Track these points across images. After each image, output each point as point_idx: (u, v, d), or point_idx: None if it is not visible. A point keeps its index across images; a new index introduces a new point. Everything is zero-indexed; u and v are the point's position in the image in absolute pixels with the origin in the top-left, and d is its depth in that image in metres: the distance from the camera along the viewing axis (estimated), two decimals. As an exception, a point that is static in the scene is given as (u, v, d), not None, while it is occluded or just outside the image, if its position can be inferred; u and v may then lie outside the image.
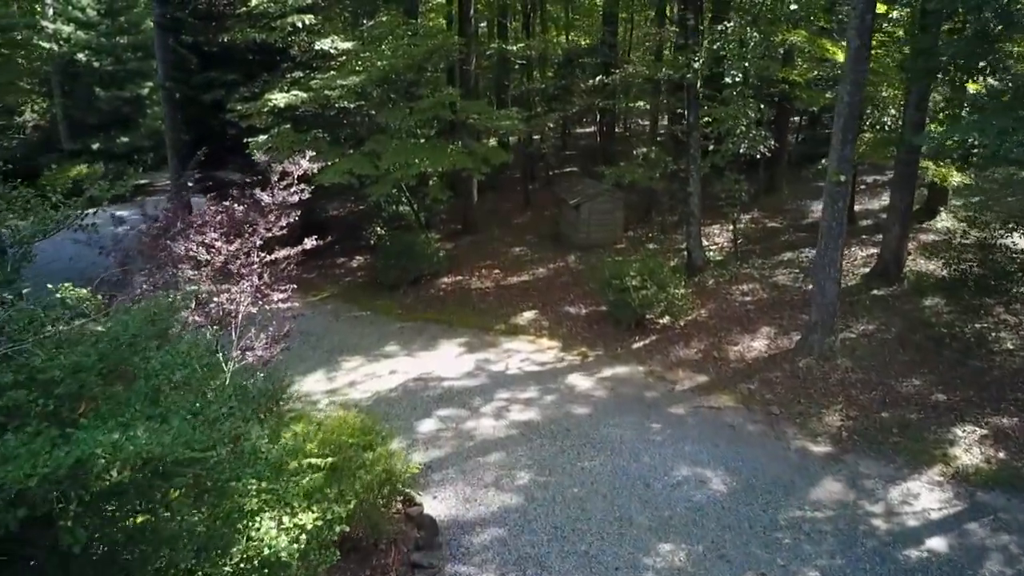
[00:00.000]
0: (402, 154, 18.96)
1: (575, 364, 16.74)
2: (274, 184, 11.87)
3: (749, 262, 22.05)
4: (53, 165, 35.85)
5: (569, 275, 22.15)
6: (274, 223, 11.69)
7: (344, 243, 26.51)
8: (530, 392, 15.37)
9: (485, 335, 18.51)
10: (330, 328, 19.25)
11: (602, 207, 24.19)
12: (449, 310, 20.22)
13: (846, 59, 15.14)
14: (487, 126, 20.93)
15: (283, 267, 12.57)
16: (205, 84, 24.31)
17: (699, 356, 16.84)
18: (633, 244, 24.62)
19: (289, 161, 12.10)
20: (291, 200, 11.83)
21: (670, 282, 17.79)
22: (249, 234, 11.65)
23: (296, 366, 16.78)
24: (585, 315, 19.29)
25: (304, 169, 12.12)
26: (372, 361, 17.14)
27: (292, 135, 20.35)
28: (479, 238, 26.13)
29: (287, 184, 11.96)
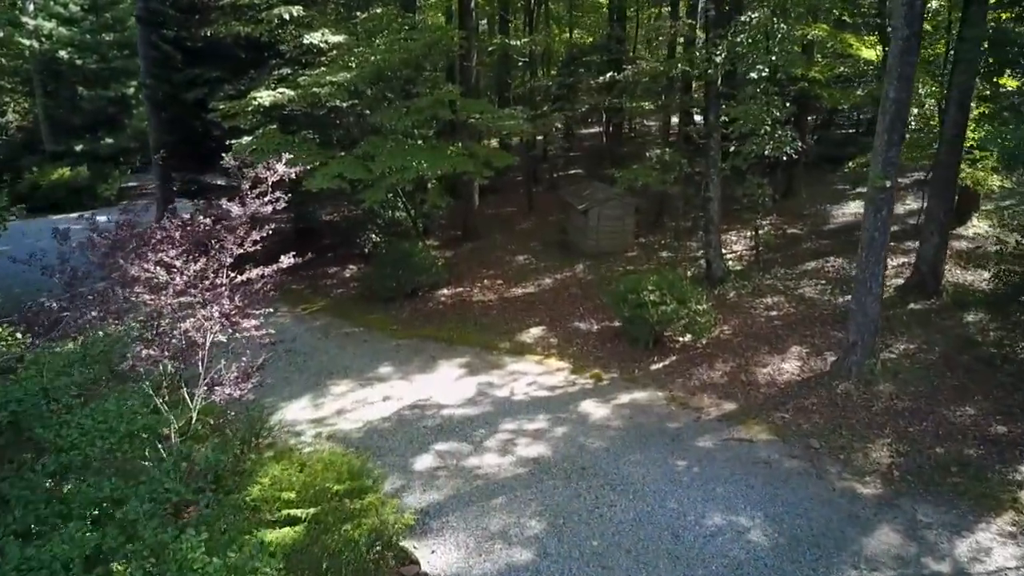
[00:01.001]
0: (398, 157, 17.38)
1: (588, 388, 15.16)
2: (245, 192, 10.31)
3: (772, 272, 20.48)
4: (35, 168, 34.37)
5: (578, 286, 20.58)
6: (244, 237, 10.12)
7: (337, 251, 24.96)
8: (539, 422, 13.78)
9: (488, 354, 16.93)
10: (319, 346, 17.67)
11: (612, 212, 22.63)
12: (449, 326, 18.64)
13: (891, 51, 13.57)
14: (489, 126, 19.39)
15: (258, 287, 10.98)
16: (187, 82, 22.83)
17: (725, 379, 15.26)
18: (645, 252, 23.06)
19: (263, 165, 10.52)
20: (264, 211, 10.26)
21: (691, 296, 16.23)
22: (216, 251, 10.07)
23: (280, 390, 15.28)
24: (597, 332, 17.71)
25: (280, 174, 10.56)
26: (364, 385, 15.56)
27: (278, 136, 18.79)
28: (480, 245, 24.56)
29: (260, 192, 10.39)
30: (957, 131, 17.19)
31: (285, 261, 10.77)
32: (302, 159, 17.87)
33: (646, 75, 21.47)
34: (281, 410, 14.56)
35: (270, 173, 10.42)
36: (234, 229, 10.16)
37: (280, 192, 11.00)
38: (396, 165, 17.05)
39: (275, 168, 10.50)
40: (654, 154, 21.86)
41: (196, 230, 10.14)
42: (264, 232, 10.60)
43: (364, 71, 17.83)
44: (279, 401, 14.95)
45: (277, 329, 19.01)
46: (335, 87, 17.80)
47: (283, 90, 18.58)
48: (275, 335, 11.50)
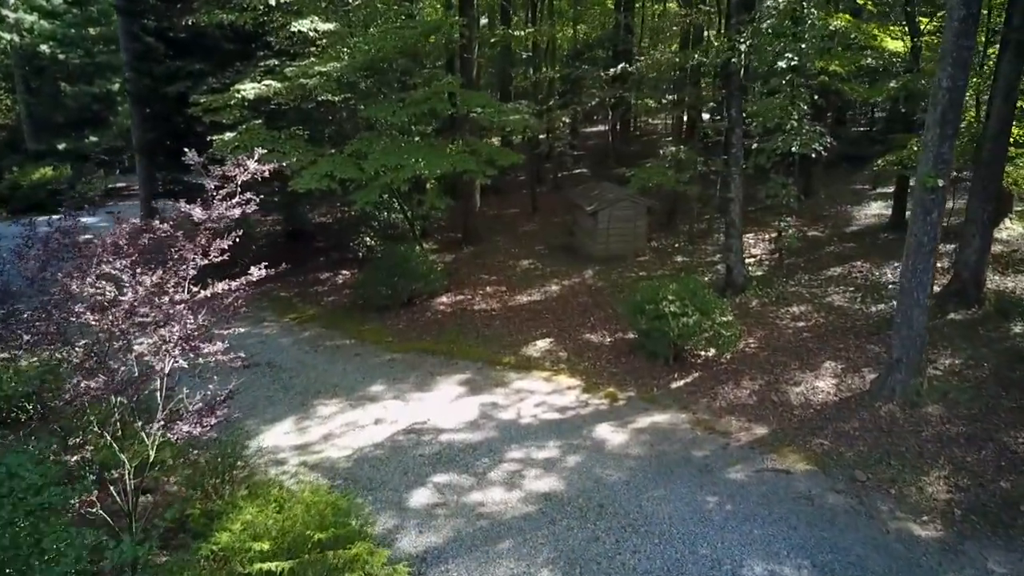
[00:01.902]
0: (392, 155, 15.94)
1: (602, 410, 13.69)
2: (211, 193, 8.86)
3: (795, 279, 19.03)
4: (15, 167, 32.90)
5: (587, 293, 19.11)
6: (207, 246, 8.66)
7: (330, 255, 23.50)
8: (549, 450, 12.31)
9: (491, 370, 15.46)
10: (306, 361, 16.20)
11: (623, 214, 21.18)
12: (448, 337, 17.17)
13: (945, 34, 12.10)
14: (492, 122, 17.91)
15: (228, 302, 9.52)
16: (169, 75, 21.42)
17: (754, 400, 13.79)
18: (658, 256, 21.61)
19: (233, 162, 9.07)
20: (232, 214, 8.81)
21: (714, 307, 14.78)
22: (175, 262, 8.62)
23: (262, 411, 13.85)
24: (610, 345, 16.25)
25: (253, 171, 9.09)
26: (354, 406, 14.09)
27: (263, 132, 17.32)
28: (482, 249, 23.10)
29: (228, 192, 8.94)
30: (1002, 126, 15.74)
31: (256, 273, 9.31)
32: (288, 157, 16.50)
33: (660, 67, 20.03)
34: (262, 434, 13.12)
35: (240, 171, 8.97)
36: (195, 237, 8.69)
37: (254, 193, 9.55)
38: (391, 164, 15.61)
39: (246, 165, 9.04)
40: (669, 152, 20.41)
41: (152, 237, 8.66)
42: (231, 239, 9.10)
43: (356, 61, 16.38)
44: (260, 424, 13.51)
45: (262, 340, 17.66)
46: (325, 78, 16.35)
47: (268, 82, 17.14)
48: (248, 357, 9.98)
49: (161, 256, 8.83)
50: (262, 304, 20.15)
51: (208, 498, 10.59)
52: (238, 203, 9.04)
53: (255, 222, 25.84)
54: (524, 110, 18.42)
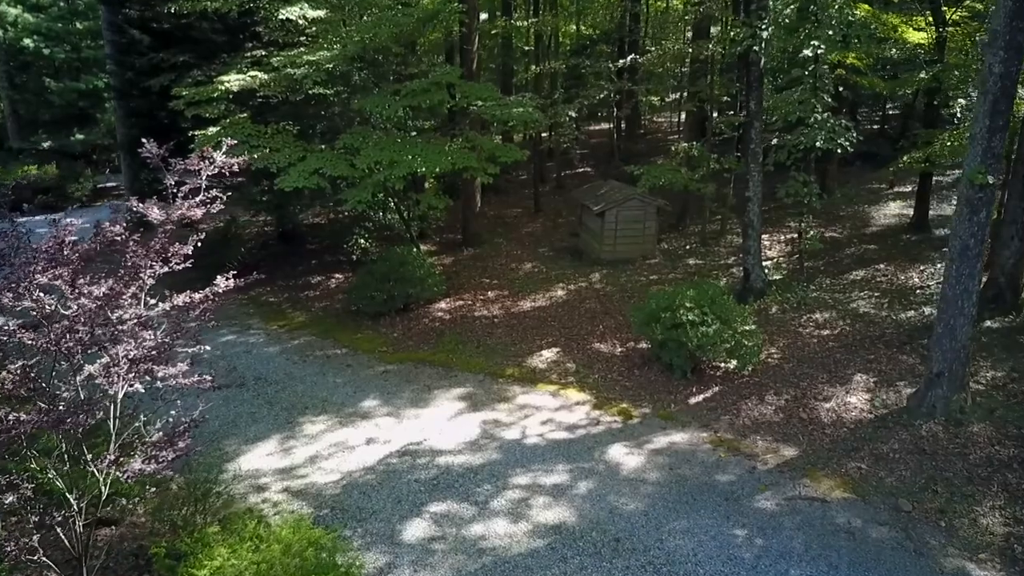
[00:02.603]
0: (386, 150, 14.78)
1: (615, 428, 12.52)
2: (170, 190, 7.71)
3: (816, 282, 17.87)
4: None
5: (595, 299, 17.95)
6: (164, 251, 7.51)
7: (322, 257, 22.32)
8: (558, 474, 11.15)
9: (493, 383, 14.29)
10: (294, 373, 15.03)
11: (631, 215, 20.01)
12: (447, 347, 16.00)
13: (995, 14, 10.94)
14: (494, 116, 16.74)
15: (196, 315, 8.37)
16: (151, 67, 20.23)
17: (780, 417, 12.63)
18: (669, 259, 20.45)
19: (197, 154, 7.91)
20: (194, 214, 7.64)
21: (735, 315, 13.63)
22: (127, 271, 7.46)
23: (244, 430, 12.69)
24: (622, 356, 15.08)
25: (220, 165, 7.93)
26: (344, 423, 12.91)
27: (248, 126, 16.15)
28: (483, 252, 21.94)
29: (191, 190, 7.78)
30: (1044, 119, 14.60)
31: (222, 284, 8.17)
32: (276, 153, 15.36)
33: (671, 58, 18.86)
34: (243, 456, 11.97)
35: (205, 164, 7.80)
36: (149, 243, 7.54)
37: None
38: (384, 160, 14.45)
39: (212, 157, 7.88)
40: (680, 148, 19.24)
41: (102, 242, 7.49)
42: (192, 244, 7.94)
43: (348, 50, 15.21)
44: (241, 444, 12.35)
45: (247, 350, 16.49)
46: (314, 68, 15.21)
47: (255, 73, 15.99)
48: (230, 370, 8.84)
49: (116, 264, 7.67)
50: (249, 310, 18.99)
51: (177, 533, 9.44)
52: (203, 201, 7.87)
53: (243, 223, 24.71)
54: (528, 103, 17.23)
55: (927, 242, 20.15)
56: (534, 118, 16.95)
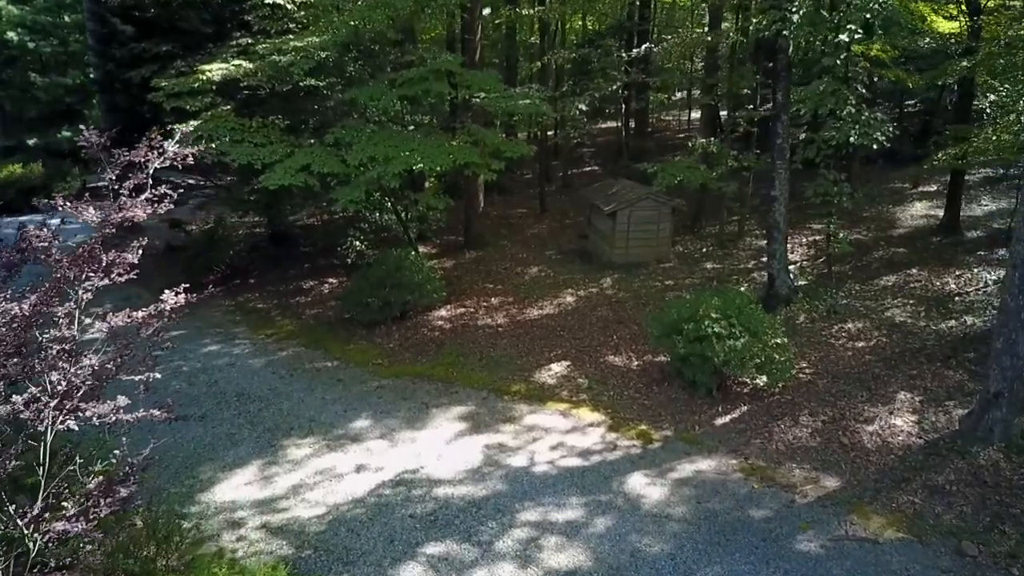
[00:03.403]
0: (380, 144, 13.51)
1: (634, 454, 11.22)
2: (112, 186, 6.44)
3: (844, 288, 16.57)
4: (-18, 165, 30.57)
5: (607, 306, 16.65)
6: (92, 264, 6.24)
7: (316, 261, 21.04)
8: (571, 509, 9.86)
9: (498, 401, 13.00)
10: (280, 389, 13.75)
11: (645, 215, 18.73)
12: (446, 359, 14.71)
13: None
14: (499, 108, 15.43)
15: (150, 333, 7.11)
16: (132, 58, 18.95)
17: (817, 441, 11.32)
18: (685, 263, 19.16)
19: (147, 144, 6.64)
20: (135, 214, 6.37)
21: (765, 327, 12.34)
22: (54, 286, 6.19)
23: (222, 454, 11.43)
24: (638, 370, 13.78)
25: (172, 156, 6.66)
26: (332, 447, 11.63)
27: (231, 120, 14.89)
28: (486, 254, 20.66)
29: (137, 186, 6.51)
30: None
31: (170, 299, 6.86)
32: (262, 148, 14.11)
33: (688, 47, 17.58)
34: (218, 485, 10.70)
35: (153, 155, 6.54)
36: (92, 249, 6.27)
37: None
38: (379, 155, 13.18)
39: (162, 147, 6.61)
40: (698, 145, 17.93)
41: (25, 248, 6.22)
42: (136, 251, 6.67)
43: (340, 35, 13.94)
44: (217, 471, 11.08)
45: (231, 362, 15.19)
46: (301, 56, 13.94)
47: (239, 62, 14.74)
48: (174, 407, 7.56)
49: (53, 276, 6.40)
50: (235, 317, 17.73)
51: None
52: (150, 199, 6.60)
53: (234, 224, 23.47)
54: (535, 95, 15.93)
55: (960, 245, 18.84)
56: (541, 110, 15.65)
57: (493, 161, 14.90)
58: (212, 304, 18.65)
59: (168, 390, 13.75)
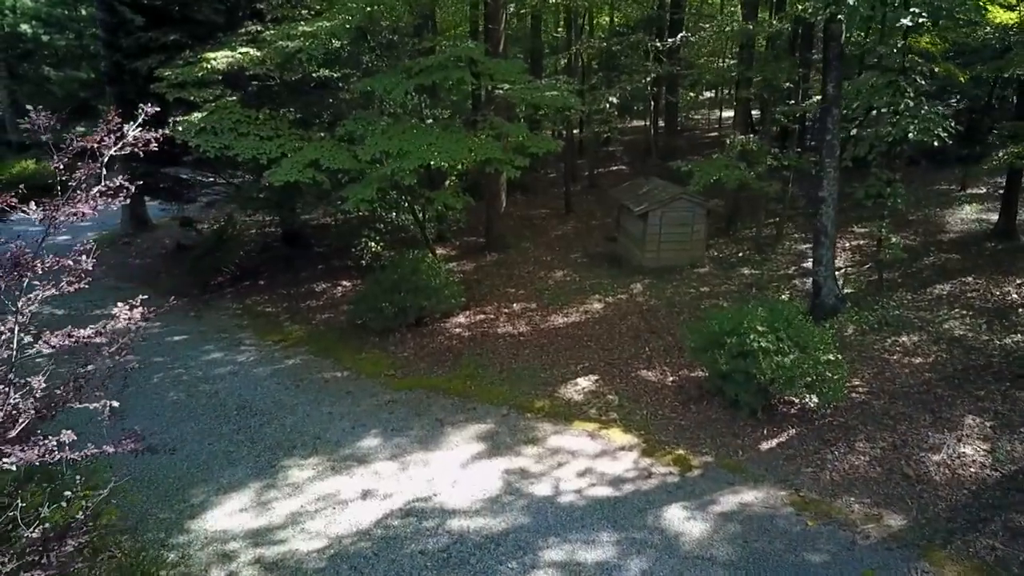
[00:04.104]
0: (395, 139, 12.45)
1: (671, 483, 10.06)
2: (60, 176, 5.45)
3: (895, 297, 15.29)
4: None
5: (638, 314, 15.48)
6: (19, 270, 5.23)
7: (330, 262, 20.05)
8: (602, 547, 8.72)
9: (519, 419, 11.88)
10: (283, 401, 12.73)
11: (678, 217, 17.54)
12: (464, 371, 13.63)
13: None
14: (524, 100, 14.29)
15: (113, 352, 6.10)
16: (139, 49, 18.06)
17: (877, 471, 10.10)
18: (720, 268, 17.94)
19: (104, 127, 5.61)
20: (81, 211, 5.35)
21: (817, 341, 11.13)
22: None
23: (217, 474, 10.44)
24: (673, 386, 12.61)
25: (132, 141, 5.64)
26: (337, 469, 10.58)
27: (237, 111, 13.91)
28: (508, 257, 19.56)
29: (89, 178, 5.48)
30: None
31: (123, 314, 5.85)
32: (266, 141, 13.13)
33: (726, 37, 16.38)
34: (211, 511, 9.69)
35: (109, 140, 5.51)
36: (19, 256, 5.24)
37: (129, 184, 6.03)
38: (392, 150, 12.12)
39: (119, 131, 5.59)
40: (737, 142, 16.72)
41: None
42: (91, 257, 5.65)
43: (354, 19, 12.89)
44: (211, 494, 10.08)
45: (233, 371, 14.13)
46: (310, 42, 12.91)
47: (245, 50, 13.76)
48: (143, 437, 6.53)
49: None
50: (242, 322, 16.77)
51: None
52: (102, 192, 5.56)
53: (248, 223, 22.59)
54: (563, 86, 14.79)
55: (1019, 251, 17.45)
56: (570, 103, 14.49)
57: (517, 157, 13.79)
58: (219, 307, 17.75)
59: (165, 401, 12.84)
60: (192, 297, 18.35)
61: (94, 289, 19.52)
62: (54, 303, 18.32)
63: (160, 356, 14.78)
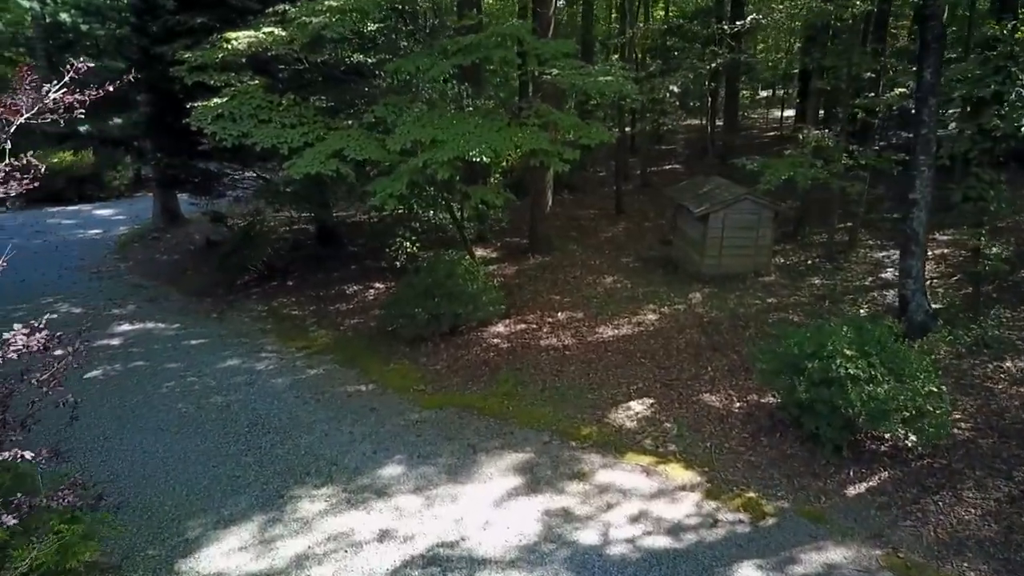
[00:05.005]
0: (428, 126, 11.08)
1: (741, 534, 8.48)
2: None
3: (992, 315, 13.43)
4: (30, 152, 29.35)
5: (697, 327, 13.87)
6: None
7: (363, 262, 18.80)
8: (660, 617, 7.23)
9: (563, 448, 10.39)
10: (300, 417, 11.45)
11: (742, 219, 15.88)
12: (502, 387, 12.19)
13: None
14: (574, 86, 12.74)
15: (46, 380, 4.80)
16: (167, 33, 17.03)
17: (992, 528, 8.39)
18: (788, 277, 16.23)
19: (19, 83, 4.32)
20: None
21: (915, 369, 9.45)
22: None
23: (218, 504, 9.19)
24: (740, 414, 11.00)
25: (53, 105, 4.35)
26: (353, 502, 9.23)
27: (259, 96, 12.68)
28: (553, 260, 18.07)
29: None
30: None
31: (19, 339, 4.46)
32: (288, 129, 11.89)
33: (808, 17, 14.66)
34: (207, 548, 8.43)
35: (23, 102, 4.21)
36: None
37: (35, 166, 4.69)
38: (425, 139, 10.76)
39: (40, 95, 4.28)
40: (812, 137, 15.01)
41: None
42: None
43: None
44: (208, 528, 8.81)
45: (249, 381, 12.71)
46: (337, 17, 11.62)
47: (269, 29, 12.54)
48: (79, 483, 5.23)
49: None
50: (266, 325, 15.58)
51: None
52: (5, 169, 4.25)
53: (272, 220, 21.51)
54: (619, 72, 13.23)
55: None
56: (626, 90, 12.93)
57: (566, 149, 12.29)
58: (243, 308, 16.62)
59: (172, 413, 11.66)
60: (216, 297, 17.28)
61: (116, 286, 18.67)
62: (72, 301, 17.47)
63: (174, 362, 13.65)
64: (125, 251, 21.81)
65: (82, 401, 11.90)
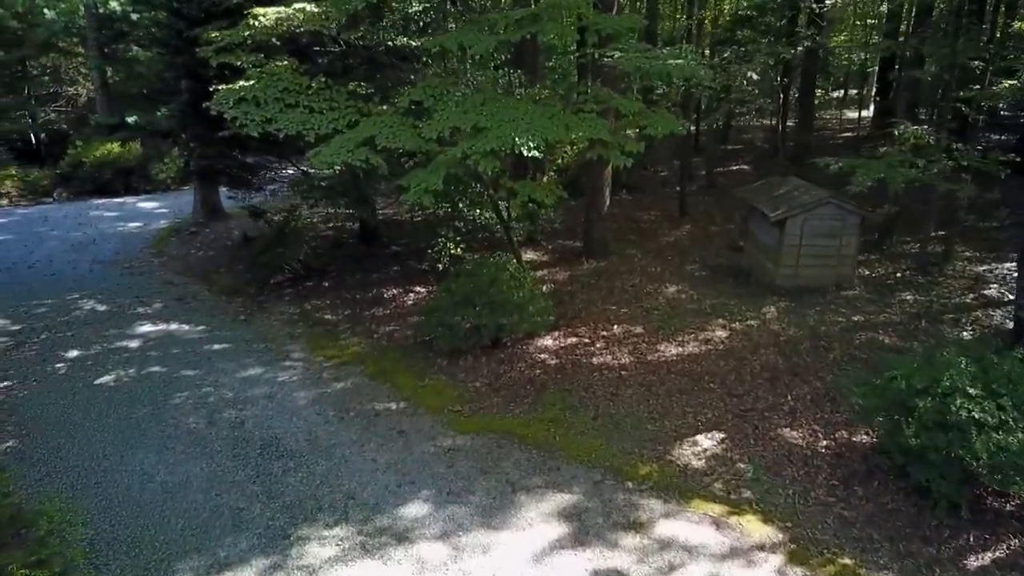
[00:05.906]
0: (470, 112, 9.68)
1: (836, 614, 6.88)
2: None
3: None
4: (79, 143, 29.06)
5: (774, 347, 12.15)
6: None
7: (405, 264, 17.51)
8: None
9: (617, 489, 8.85)
10: (320, 439, 10.16)
11: (824, 226, 14.10)
12: (548, 411, 10.71)
13: None
14: (640, 69, 11.17)
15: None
16: (203, 14, 16.08)
17: None
18: (875, 290, 14.39)
19: None
20: None
21: (1051, 411, 7.69)
22: None
23: (215, 543, 7.91)
24: (828, 453, 9.31)
25: None
26: (368, 548, 7.87)
27: (287, 78, 11.45)
28: (609, 267, 16.50)
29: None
30: None
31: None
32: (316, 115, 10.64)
33: None
34: (192, 600, 7.13)
35: None
36: None
37: None
38: (465, 125, 9.37)
39: None
40: (911, 133, 13.17)
41: None
42: None
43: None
44: (201, 572, 7.54)
45: (268, 395, 11.18)
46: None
47: (300, 5, 11.32)
48: None
49: None
50: (295, 329, 14.39)
51: None
52: None
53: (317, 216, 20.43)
54: (689, 56, 11.63)
55: None
56: (699, 75, 11.34)
57: (628, 140, 10.75)
58: (273, 310, 15.49)
59: (180, 429, 10.51)
60: (247, 297, 16.19)
61: (146, 283, 17.70)
62: (98, 298, 16.58)
63: (192, 369, 12.53)
64: (161, 246, 20.97)
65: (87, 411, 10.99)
